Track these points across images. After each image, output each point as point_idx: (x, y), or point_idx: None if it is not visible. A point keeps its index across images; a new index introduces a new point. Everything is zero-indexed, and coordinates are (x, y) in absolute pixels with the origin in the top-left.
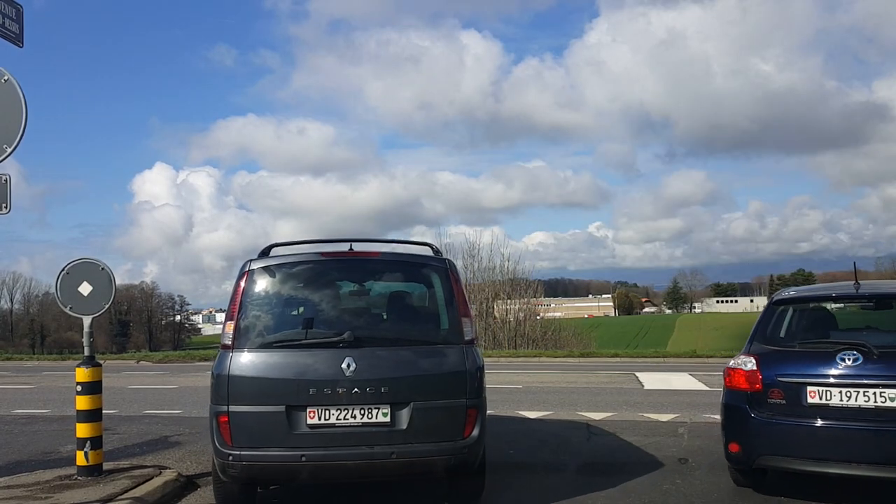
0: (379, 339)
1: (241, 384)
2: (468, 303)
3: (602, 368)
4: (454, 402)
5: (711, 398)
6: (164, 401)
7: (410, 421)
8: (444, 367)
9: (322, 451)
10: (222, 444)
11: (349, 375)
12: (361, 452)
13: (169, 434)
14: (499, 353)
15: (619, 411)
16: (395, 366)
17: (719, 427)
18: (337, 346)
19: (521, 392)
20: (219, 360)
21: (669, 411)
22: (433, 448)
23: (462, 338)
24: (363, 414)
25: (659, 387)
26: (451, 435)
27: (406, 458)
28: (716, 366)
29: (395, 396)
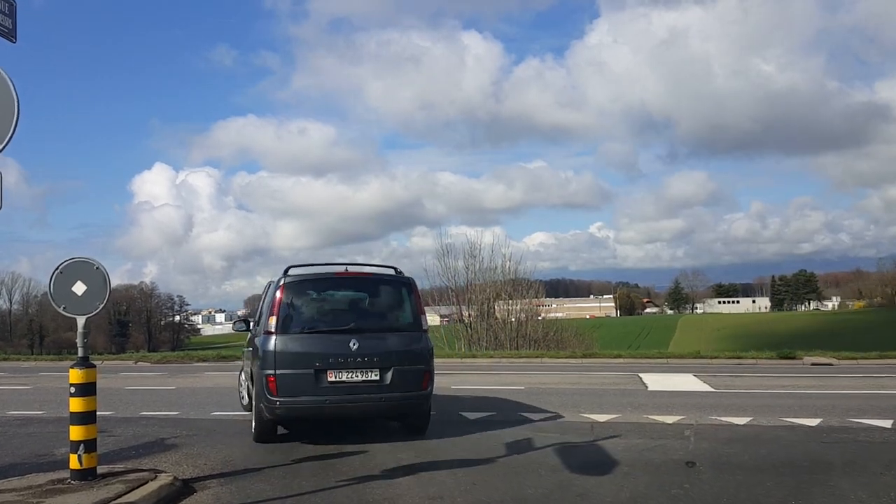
0: (371, 328)
1: (283, 356)
2: (423, 305)
3: (605, 369)
4: (417, 367)
5: (717, 399)
6: (161, 402)
7: (392, 379)
8: (411, 346)
9: (337, 398)
10: (270, 394)
11: (354, 350)
12: (362, 398)
13: (166, 436)
14: (500, 354)
15: (623, 413)
16: (382, 345)
17: (726, 430)
18: (346, 332)
19: (524, 393)
20: (263, 341)
21: (675, 413)
22: (405, 395)
23: (421, 328)
24: (363, 374)
25: (663, 388)
26: (416, 388)
27: (389, 402)
28: (720, 367)
29: (383, 363)
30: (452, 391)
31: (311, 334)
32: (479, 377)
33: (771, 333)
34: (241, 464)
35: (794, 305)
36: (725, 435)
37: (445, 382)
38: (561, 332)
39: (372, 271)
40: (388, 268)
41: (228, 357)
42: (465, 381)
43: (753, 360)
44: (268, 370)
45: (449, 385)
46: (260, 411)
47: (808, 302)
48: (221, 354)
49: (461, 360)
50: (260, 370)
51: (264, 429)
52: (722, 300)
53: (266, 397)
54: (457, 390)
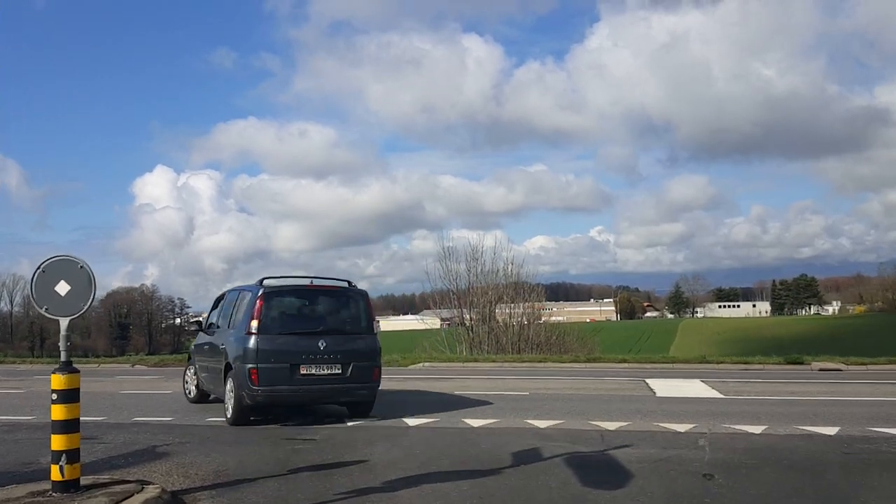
0: (335, 330)
1: (264, 353)
2: (374, 312)
3: (610, 374)
4: (370, 363)
5: (728, 406)
6: (156, 407)
7: (350, 372)
8: (365, 345)
9: (308, 387)
10: (252, 384)
11: (322, 349)
12: (328, 387)
13: (157, 444)
14: (503, 358)
15: (633, 420)
16: (343, 344)
17: (742, 439)
18: (315, 334)
19: (528, 399)
20: (245, 340)
21: (686, 421)
22: (360, 385)
23: (372, 331)
24: (328, 369)
25: (671, 394)
26: (368, 379)
27: (348, 391)
28: (727, 373)
29: (344, 360)
30: (455, 397)
31: (287, 335)
32: (482, 382)
33: (772, 338)
34: (234, 474)
35: (795, 310)
36: (742, 444)
37: (447, 387)
38: (564, 337)
39: (332, 284)
40: (342, 281)
41: None
42: (468, 387)
43: (761, 366)
44: (250, 364)
45: (451, 390)
46: (241, 398)
47: (808, 306)
48: None
49: (463, 365)
50: (242, 364)
51: (241, 414)
52: (722, 304)
53: (248, 387)
54: (459, 396)
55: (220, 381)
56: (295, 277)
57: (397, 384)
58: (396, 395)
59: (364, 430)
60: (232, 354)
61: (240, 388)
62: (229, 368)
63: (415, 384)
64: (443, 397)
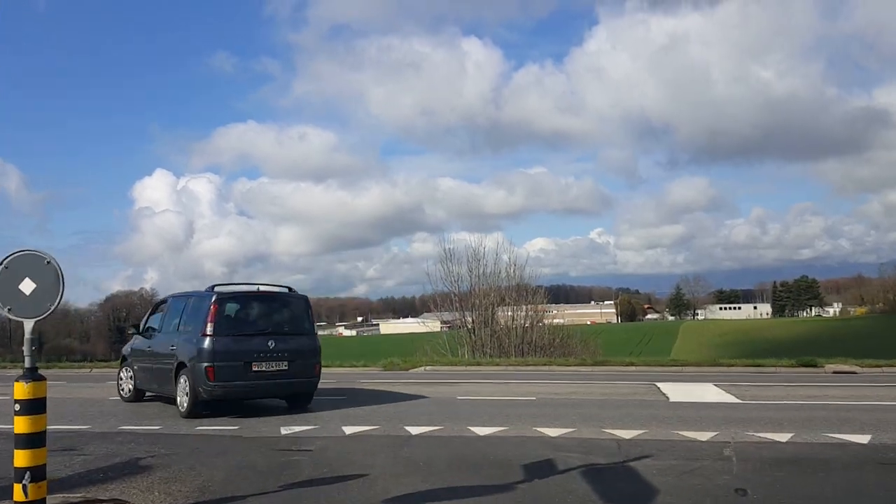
0: (282, 332)
1: (220, 352)
2: (314, 315)
3: (618, 378)
4: (312, 360)
5: (747, 412)
6: (144, 415)
7: (295, 368)
8: (308, 345)
9: (260, 382)
10: (208, 380)
11: (271, 348)
12: (276, 382)
13: (141, 455)
14: (506, 362)
15: (649, 428)
16: (289, 344)
17: (769, 448)
18: (265, 335)
19: (536, 405)
20: (200, 340)
21: (706, 428)
22: (304, 380)
23: (314, 331)
24: (276, 365)
25: (685, 399)
26: (311, 374)
27: (293, 385)
28: (739, 376)
29: (290, 357)
30: (458, 402)
31: (239, 336)
32: (486, 387)
33: (773, 340)
34: (221, 490)
35: (796, 312)
36: (770, 454)
37: (450, 392)
38: (566, 339)
39: (277, 290)
40: (284, 287)
41: None
42: (472, 391)
43: (773, 368)
44: (206, 363)
45: (454, 395)
46: (198, 394)
47: (809, 308)
48: None
49: (465, 368)
50: (198, 363)
51: (196, 408)
52: (723, 306)
53: (205, 383)
54: (463, 402)
55: (170, 379)
56: (242, 285)
57: (398, 389)
58: (397, 401)
59: (364, 440)
60: (186, 355)
61: (196, 385)
62: (182, 367)
63: (416, 389)
64: (446, 404)
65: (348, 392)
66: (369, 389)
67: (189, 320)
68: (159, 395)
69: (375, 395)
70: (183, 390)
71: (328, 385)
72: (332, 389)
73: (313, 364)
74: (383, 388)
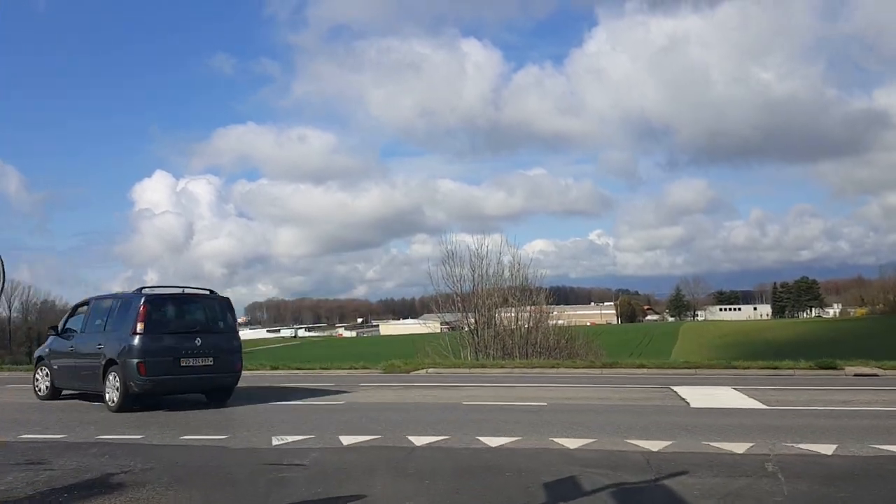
0: (206, 330)
1: (151, 349)
2: (235, 315)
3: (631, 382)
4: (234, 356)
5: (778, 419)
6: (126, 422)
7: (219, 364)
8: (230, 343)
9: (188, 376)
10: (139, 375)
11: (198, 345)
12: (202, 376)
13: (114, 471)
14: (512, 364)
15: (676, 438)
16: (213, 341)
17: (816, 462)
18: (193, 333)
19: (548, 411)
20: (131, 339)
21: (738, 439)
22: (226, 375)
23: (235, 330)
24: (203, 361)
25: (707, 404)
26: (233, 369)
27: (217, 379)
28: (756, 378)
29: (214, 353)
30: (465, 408)
31: (168, 334)
32: (492, 391)
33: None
34: None
35: (796, 313)
36: (819, 470)
37: (455, 397)
38: (572, 341)
39: (200, 292)
40: (206, 290)
41: None
42: (477, 396)
43: (791, 371)
44: (137, 359)
45: (460, 400)
46: (129, 388)
47: (809, 309)
48: None
49: (469, 371)
50: (129, 359)
51: (126, 401)
52: (723, 307)
53: (136, 377)
54: (470, 408)
55: (97, 376)
56: (168, 287)
57: (399, 393)
58: (399, 407)
59: (363, 453)
60: (116, 352)
61: (127, 380)
62: (112, 364)
63: (419, 393)
64: (451, 409)
65: (347, 396)
66: (369, 394)
67: (118, 320)
68: (79, 393)
69: (375, 399)
70: (113, 386)
71: (325, 388)
72: (329, 392)
73: (235, 360)
74: (384, 392)
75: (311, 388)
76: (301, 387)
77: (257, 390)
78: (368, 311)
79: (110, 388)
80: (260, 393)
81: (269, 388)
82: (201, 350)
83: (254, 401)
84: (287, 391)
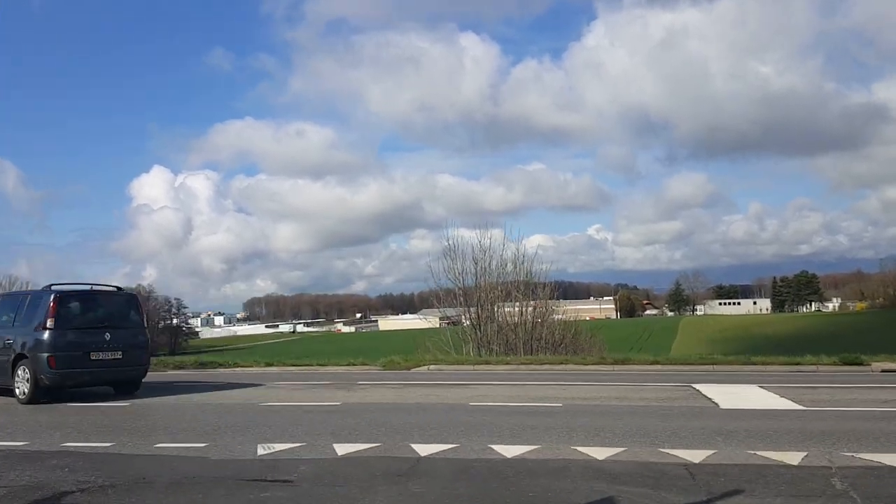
0: (116, 325)
1: (60, 343)
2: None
3: (648, 379)
4: (141, 351)
5: (822, 423)
6: (97, 427)
7: (127, 357)
8: (138, 338)
9: (98, 370)
10: (50, 368)
11: (108, 340)
12: (111, 370)
13: (69, 488)
14: (518, 360)
15: (716, 446)
16: (123, 336)
17: (888, 475)
18: (102, 328)
19: (565, 413)
20: (41, 333)
21: (786, 446)
22: (135, 368)
23: (143, 325)
24: (112, 354)
25: (737, 405)
26: (141, 363)
27: (126, 372)
28: (779, 375)
29: (123, 347)
30: (472, 410)
31: (78, 329)
32: (500, 389)
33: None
34: None
35: (796, 307)
36: (892, 484)
37: (461, 396)
38: (576, 336)
39: (109, 289)
40: (114, 286)
41: (209, 364)
42: (484, 395)
43: (814, 367)
44: (47, 352)
45: (466, 400)
46: (39, 381)
47: (809, 303)
48: (201, 361)
49: (473, 368)
50: (39, 353)
51: (36, 394)
52: (722, 302)
53: (46, 370)
54: (478, 409)
55: (6, 370)
56: (76, 284)
57: (400, 392)
58: (400, 408)
59: (360, 465)
60: (27, 346)
61: (37, 373)
62: (21, 358)
63: (420, 392)
64: (458, 412)
65: (343, 396)
66: (367, 393)
67: (27, 316)
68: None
69: (374, 399)
70: (23, 379)
71: (321, 386)
72: (324, 391)
73: (143, 354)
74: (383, 391)
75: (304, 386)
76: (294, 385)
77: (248, 389)
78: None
79: (20, 382)
80: (250, 392)
81: (260, 386)
82: (110, 344)
83: (242, 401)
84: (279, 391)
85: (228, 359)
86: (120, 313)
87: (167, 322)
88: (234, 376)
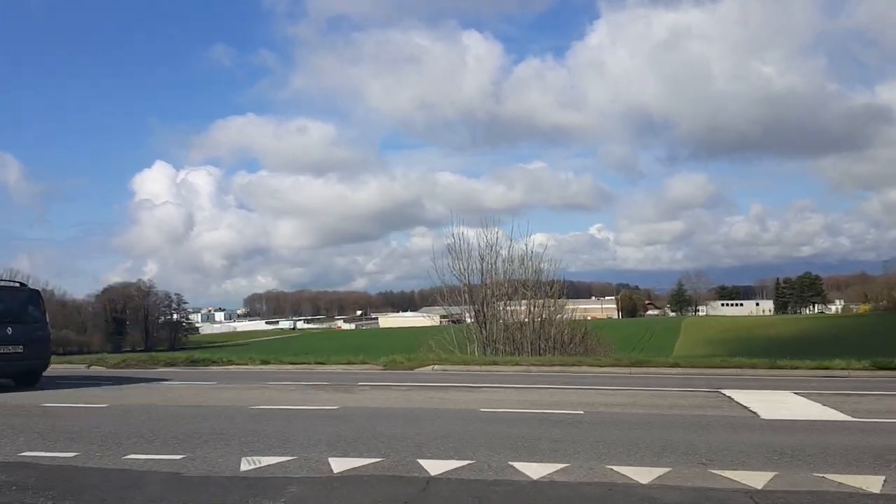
0: (17, 320)
1: None
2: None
3: (670, 384)
4: (43, 345)
5: (879, 437)
6: (66, 431)
7: (29, 351)
8: (39, 332)
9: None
10: None
11: (9, 334)
12: (14, 363)
13: None
14: (528, 361)
15: (776, 467)
16: (23, 331)
17: None
18: (3, 322)
19: (589, 424)
20: None
21: (857, 468)
22: (36, 361)
23: (45, 321)
24: (14, 348)
25: (778, 415)
26: (42, 357)
27: (27, 365)
28: (810, 380)
29: (24, 342)
30: (484, 418)
31: None
32: (512, 394)
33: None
34: None
35: (798, 309)
36: None
37: (470, 401)
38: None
39: (10, 285)
40: (16, 282)
41: (201, 361)
42: (496, 400)
43: (845, 371)
44: None
45: (476, 406)
46: None
47: (812, 305)
48: (193, 357)
49: (480, 369)
50: None
51: None
52: (725, 302)
53: None
54: (490, 417)
55: None
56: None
57: (403, 396)
58: (403, 415)
59: (359, 486)
60: None
61: None
62: None
63: (426, 396)
64: (468, 419)
65: (342, 399)
66: (368, 395)
67: None
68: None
69: (376, 403)
70: None
71: (318, 384)
72: (321, 393)
73: (45, 347)
74: (385, 394)
75: (300, 387)
76: (289, 385)
77: (239, 389)
78: (368, 303)
79: None
80: (240, 393)
81: (252, 387)
82: (12, 338)
83: (230, 403)
84: (272, 392)
85: (222, 356)
86: (21, 309)
87: (167, 317)
88: (227, 375)
